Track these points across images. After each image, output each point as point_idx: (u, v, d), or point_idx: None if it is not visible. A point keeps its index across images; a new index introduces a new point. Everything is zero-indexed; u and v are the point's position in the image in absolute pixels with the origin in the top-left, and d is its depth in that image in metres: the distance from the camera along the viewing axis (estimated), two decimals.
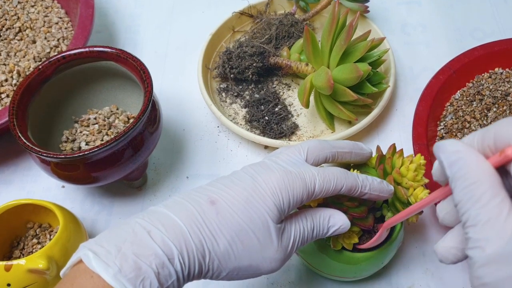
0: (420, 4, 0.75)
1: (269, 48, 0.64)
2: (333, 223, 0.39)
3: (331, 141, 0.42)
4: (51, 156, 0.46)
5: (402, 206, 0.43)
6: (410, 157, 0.43)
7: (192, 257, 0.33)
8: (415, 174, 0.42)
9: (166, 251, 0.32)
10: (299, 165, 0.39)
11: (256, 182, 0.36)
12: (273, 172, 0.37)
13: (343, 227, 0.39)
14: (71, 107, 0.59)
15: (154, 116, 0.53)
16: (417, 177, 0.42)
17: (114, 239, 0.32)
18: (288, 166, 0.38)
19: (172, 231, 0.33)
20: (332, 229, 0.39)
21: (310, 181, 0.37)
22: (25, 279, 0.44)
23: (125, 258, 0.31)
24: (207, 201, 0.35)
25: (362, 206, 0.42)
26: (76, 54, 0.54)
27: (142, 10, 0.78)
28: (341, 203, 0.41)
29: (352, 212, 0.41)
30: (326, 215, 0.39)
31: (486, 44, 0.62)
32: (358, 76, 0.54)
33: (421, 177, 0.43)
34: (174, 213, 0.34)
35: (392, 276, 0.51)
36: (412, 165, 0.42)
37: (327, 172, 0.38)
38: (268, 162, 0.39)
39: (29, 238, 0.51)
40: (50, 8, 0.71)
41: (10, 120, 0.49)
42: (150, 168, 0.60)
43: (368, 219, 0.43)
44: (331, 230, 0.39)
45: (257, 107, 0.63)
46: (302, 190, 0.37)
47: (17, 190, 0.60)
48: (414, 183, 0.42)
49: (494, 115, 0.56)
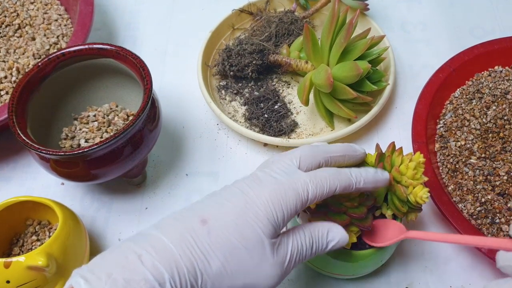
0: (420, 2, 0.75)
1: (269, 45, 0.64)
2: (331, 238, 0.39)
3: (324, 146, 0.41)
4: (51, 153, 0.46)
5: (402, 204, 0.43)
6: (410, 155, 0.43)
7: (184, 280, 0.32)
8: (414, 172, 0.42)
9: (156, 276, 0.32)
10: (291, 174, 0.38)
11: (248, 197, 0.36)
12: (265, 185, 0.37)
13: (341, 241, 0.39)
14: (71, 104, 0.58)
15: (154, 113, 0.53)
16: (416, 175, 0.42)
17: (105, 265, 0.32)
18: (280, 177, 0.37)
19: (163, 255, 0.33)
20: (331, 243, 0.39)
21: (302, 189, 0.37)
22: (24, 276, 0.44)
23: (115, 284, 0.31)
24: (198, 221, 0.34)
25: (361, 207, 0.42)
26: (75, 51, 0.54)
27: (142, 8, 0.78)
28: (340, 203, 0.41)
29: (351, 213, 0.41)
30: (325, 229, 0.39)
31: (486, 42, 0.62)
32: (357, 74, 0.53)
33: (421, 175, 0.43)
34: (165, 235, 0.34)
35: (391, 274, 0.51)
36: (412, 163, 0.42)
37: (319, 176, 0.38)
38: (259, 174, 0.38)
39: (29, 235, 0.51)
40: (50, 5, 0.71)
41: (10, 117, 0.49)
42: (149, 165, 0.60)
43: (367, 219, 0.43)
44: (330, 244, 0.39)
45: (256, 105, 0.63)
46: (296, 201, 0.36)
47: (17, 187, 0.60)
48: (414, 181, 0.42)
49: (494, 113, 0.56)
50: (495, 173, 0.52)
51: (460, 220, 0.49)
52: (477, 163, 0.54)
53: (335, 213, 0.42)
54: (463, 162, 0.54)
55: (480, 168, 0.53)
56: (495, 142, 0.55)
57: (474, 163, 0.54)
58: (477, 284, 0.50)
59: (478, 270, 0.51)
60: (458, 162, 0.55)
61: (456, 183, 0.53)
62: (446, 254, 0.52)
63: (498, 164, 0.53)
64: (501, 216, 0.50)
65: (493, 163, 0.53)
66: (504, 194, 0.51)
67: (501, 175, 0.52)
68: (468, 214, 0.51)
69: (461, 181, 0.53)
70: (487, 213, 0.51)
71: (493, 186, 0.52)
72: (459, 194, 0.53)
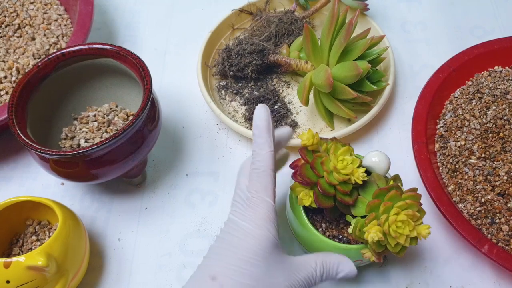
0: (420, 2, 0.75)
1: (269, 45, 0.64)
2: (341, 270, 0.40)
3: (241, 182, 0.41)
4: (50, 153, 0.46)
5: (377, 246, 0.42)
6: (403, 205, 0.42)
7: None
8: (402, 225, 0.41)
9: None
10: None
11: (243, 242, 0.37)
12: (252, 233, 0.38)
13: (350, 274, 0.40)
14: (71, 104, 0.58)
15: (154, 113, 0.53)
16: (404, 230, 0.41)
17: None
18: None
19: None
20: (340, 275, 0.40)
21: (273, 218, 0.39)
22: (24, 276, 0.44)
23: None
24: (209, 279, 0.36)
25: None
26: (75, 51, 0.54)
27: (142, 7, 0.78)
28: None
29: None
30: (336, 262, 0.40)
31: (486, 42, 0.62)
32: (357, 74, 0.53)
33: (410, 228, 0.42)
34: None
35: (390, 274, 0.51)
36: (401, 216, 0.41)
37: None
38: (248, 227, 0.39)
39: (28, 235, 0.51)
40: (50, 5, 0.71)
41: (9, 117, 0.49)
42: (149, 165, 0.60)
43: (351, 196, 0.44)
44: (339, 275, 0.40)
45: (256, 105, 0.62)
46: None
47: (17, 187, 0.60)
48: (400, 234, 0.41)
49: (494, 113, 0.56)
50: (495, 173, 0.52)
51: (460, 220, 0.49)
52: (477, 163, 0.54)
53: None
54: (463, 162, 0.54)
55: (480, 168, 0.53)
56: (495, 142, 0.55)
57: (474, 163, 0.54)
58: (477, 284, 0.50)
59: (478, 270, 0.51)
60: (458, 162, 0.54)
61: (456, 183, 0.53)
62: (446, 254, 0.52)
63: (498, 164, 0.53)
64: (501, 216, 0.50)
65: (493, 163, 0.53)
66: (504, 194, 0.51)
67: (501, 175, 0.52)
68: (468, 214, 0.51)
69: (461, 181, 0.53)
70: (487, 213, 0.51)
71: (493, 186, 0.52)
72: (459, 194, 0.53)
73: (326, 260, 0.40)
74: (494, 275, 0.51)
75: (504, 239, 0.49)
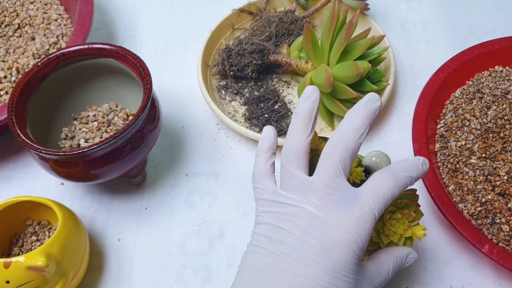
0: (420, 2, 0.75)
1: (269, 45, 0.64)
2: (408, 261, 0.40)
3: (351, 132, 0.37)
4: (50, 153, 0.46)
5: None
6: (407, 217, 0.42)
7: None
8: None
9: None
10: (349, 201, 0.35)
11: (329, 254, 0.34)
12: (335, 232, 0.34)
13: (412, 261, 0.41)
14: (70, 104, 0.58)
15: (154, 113, 0.53)
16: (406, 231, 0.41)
17: None
18: (342, 215, 0.35)
19: None
20: (406, 265, 0.40)
21: (371, 221, 0.35)
22: (24, 276, 0.44)
23: None
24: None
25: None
26: (75, 51, 0.54)
27: (142, 7, 0.78)
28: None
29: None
30: (404, 255, 0.40)
31: (486, 42, 0.62)
32: (358, 74, 0.53)
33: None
34: None
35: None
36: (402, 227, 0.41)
37: (380, 195, 0.36)
38: (319, 214, 0.35)
39: (28, 235, 0.51)
40: (49, 4, 0.71)
41: (9, 117, 0.49)
42: (149, 165, 0.60)
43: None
44: (405, 266, 0.40)
45: (256, 105, 0.62)
46: (367, 235, 0.35)
47: (16, 187, 0.60)
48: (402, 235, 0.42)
49: (494, 113, 0.56)
50: (496, 173, 0.52)
51: (461, 220, 0.49)
52: (478, 163, 0.54)
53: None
54: (463, 162, 0.54)
55: (481, 168, 0.53)
56: (495, 142, 0.55)
57: (475, 163, 0.54)
58: (477, 284, 0.50)
59: (479, 270, 0.51)
60: (458, 162, 0.54)
61: (456, 183, 0.53)
62: (446, 254, 0.52)
63: (498, 164, 0.53)
64: (501, 216, 0.50)
65: (494, 163, 0.53)
66: (505, 194, 0.51)
67: (501, 175, 0.52)
68: (468, 214, 0.51)
69: (462, 181, 0.53)
70: (488, 213, 0.51)
71: (493, 186, 0.52)
72: (460, 194, 0.53)
73: (397, 257, 0.39)
74: (495, 275, 0.51)
75: (504, 239, 0.49)
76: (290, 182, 0.37)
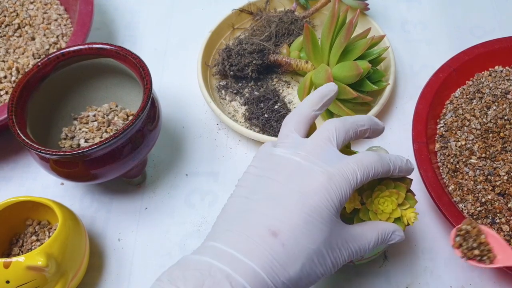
0: (420, 2, 0.75)
1: (269, 45, 0.64)
2: (393, 238, 0.41)
3: (351, 118, 0.41)
4: (50, 153, 0.46)
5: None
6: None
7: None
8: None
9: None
10: (336, 160, 0.37)
11: (307, 197, 0.35)
12: (317, 179, 0.36)
13: (399, 241, 0.41)
14: (70, 104, 0.58)
15: (154, 113, 0.53)
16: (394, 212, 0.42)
17: (190, 280, 0.32)
18: (327, 166, 0.37)
19: (252, 280, 0.33)
20: (391, 242, 0.41)
21: (352, 178, 0.37)
22: (24, 276, 0.44)
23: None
24: (269, 234, 0.34)
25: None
26: (75, 51, 0.54)
27: (142, 7, 0.78)
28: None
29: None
30: (390, 231, 0.40)
31: (486, 42, 0.62)
32: (358, 73, 0.53)
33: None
34: (247, 257, 0.34)
35: (390, 274, 0.51)
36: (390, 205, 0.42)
37: (365, 162, 0.38)
38: (304, 164, 0.37)
39: (28, 235, 0.51)
40: (49, 4, 0.71)
41: (9, 117, 0.49)
42: (149, 165, 0.60)
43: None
44: (390, 242, 0.41)
45: (256, 105, 0.62)
46: (348, 190, 0.37)
47: (16, 187, 0.60)
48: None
49: (494, 113, 0.56)
50: (496, 173, 0.52)
51: (461, 220, 0.49)
52: (478, 163, 0.54)
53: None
54: (463, 162, 0.54)
55: (481, 168, 0.53)
56: (495, 142, 0.55)
57: (475, 163, 0.54)
58: (477, 284, 0.50)
59: (478, 270, 0.51)
60: (458, 162, 0.54)
61: (456, 183, 0.53)
62: (446, 254, 0.52)
63: (498, 164, 0.53)
64: (501, 216, 0.50)
65: (494, 163, 0.53)
66: (505, 194, 0.51)
67: (501, 175, 0.52)
68: (468, 214, 0.51)
69: (462, 181, 0.53)
70: (488, 213, 0.51)
71: (493, 186, 0.52)
72: (460, 194, 0.53)
73: (383, 230, 0.40)
74: (494, 275, 0.51)
75: (504, 239, 0.49)
76: (285, 140, 0.40)
